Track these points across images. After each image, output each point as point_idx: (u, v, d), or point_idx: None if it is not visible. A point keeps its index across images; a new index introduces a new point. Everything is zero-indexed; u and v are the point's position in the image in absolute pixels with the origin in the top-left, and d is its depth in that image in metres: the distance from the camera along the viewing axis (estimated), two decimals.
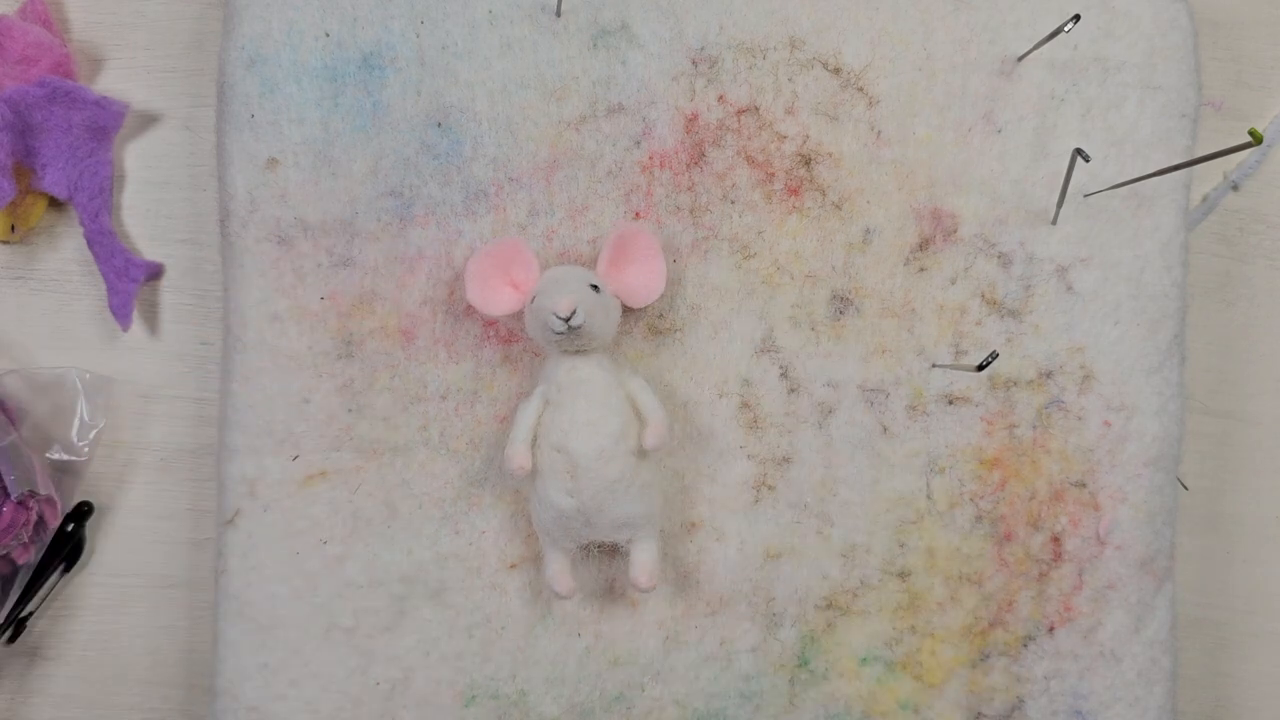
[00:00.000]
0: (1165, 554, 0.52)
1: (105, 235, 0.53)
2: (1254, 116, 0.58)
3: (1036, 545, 0.52)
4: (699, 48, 0.51)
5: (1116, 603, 0.51)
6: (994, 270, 0.51)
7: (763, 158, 0.51)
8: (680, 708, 0.51)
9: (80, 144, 0.53)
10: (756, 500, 0.51)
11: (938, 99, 0.51)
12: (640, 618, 0.51)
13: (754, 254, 0.51)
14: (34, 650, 0.54)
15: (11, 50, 0.52)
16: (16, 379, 0.53)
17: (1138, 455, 0.51)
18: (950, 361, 0.51)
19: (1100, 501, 0.51)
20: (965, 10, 0.52)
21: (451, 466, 0.51)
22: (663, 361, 0.51)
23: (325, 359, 0.50)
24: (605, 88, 0.51)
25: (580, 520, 0.47)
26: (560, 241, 0.51)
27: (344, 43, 0.50)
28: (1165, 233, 0.52)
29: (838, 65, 0.51)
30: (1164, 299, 0.52)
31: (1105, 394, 0.51)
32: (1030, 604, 0.52)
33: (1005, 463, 0.52)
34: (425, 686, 0.51)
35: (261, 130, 0.50)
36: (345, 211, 0.50)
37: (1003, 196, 0.51)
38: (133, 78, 0.55)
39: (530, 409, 0.48)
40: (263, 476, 0.50)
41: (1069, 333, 0.51)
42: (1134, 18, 0.52)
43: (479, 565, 0.51)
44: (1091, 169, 0.51)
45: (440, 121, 0.50)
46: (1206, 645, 0.57)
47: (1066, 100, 0.51)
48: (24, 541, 0.51)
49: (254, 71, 0.50)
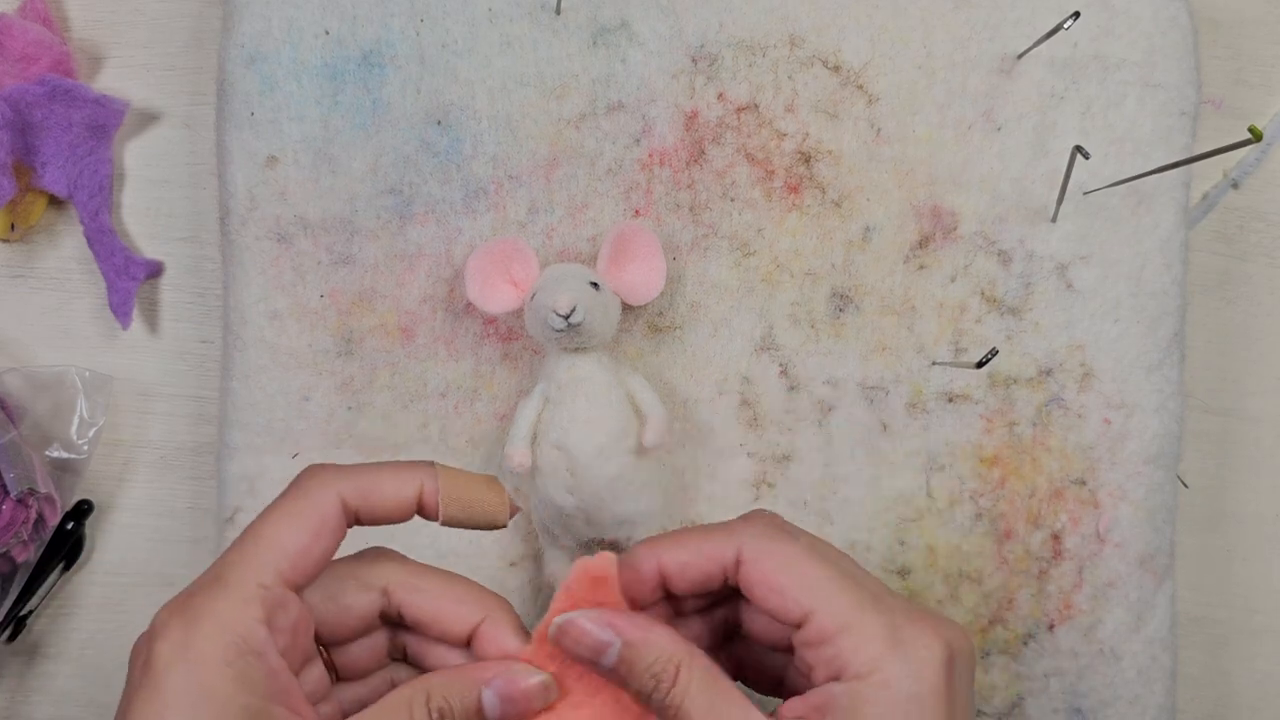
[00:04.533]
0: (1165, 552, 0.52)
1: (105, 233, 0.53)
2: (1254, 114, 0.58)
3: (1036, 543, 0.52)
4: (699, 45, 0.51)
5: (1116, 601, 0.51)
6: (994, 268, 0.51)
7: (762, 155, 0.51)
8: None
9: (80, 142, 0.53)
10: (756, 498, 0.51)
11: (938, 97, 0.51)
12: None
13: (754, 252, 0.51)
14: (34, 648, 0.54)
15: (11, 48, 0.52)
16: (16, 377, 0.53)
17: (1138, 453, 0.51)
18: (950, 359, 0.51)
19: (1100, 499, 0.51)
20: (965, 8, 0.52)
21: (451, 464, 0.51)
22: (662, 359, 0.51)
23: (325, 357, 0.50)
24: (605, 85, 0.51)
25: (580, 518, 0.47)
26: (560, 239, 0.51)
27: (344, 40, 0.50)
28: (1165, 230, 0.52)
29: (837, 63, 0.51)
30: (1164, 296, 0.52)
31: (1105, 392, 0.51)
32: (1030, 602, 0.52)
33: (1005, 460, 0.52)
34: None
35: (261, 128, 0.50)
36: (345, 209, 0.50)
37: (1002, 194, 0.51)
38: (132, 76, 0.56)
39: (530, 407, 0.48)
40: (263, 474, 0.50)
41: (1069, 330, 0.51)
42: (1134, 15, 0.52)
43: (479, 563, 0.51)
44: (1091, 167, 0.51)
45: (440, 119, 0.50)
46: (1207, 643, 0.57)
47: (1066, 98, 0.51)
48: (23, 540, 0.51)
49: (254, 69, 0.50)
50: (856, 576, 0.36)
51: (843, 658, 0.34)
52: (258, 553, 0.34)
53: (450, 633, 0.38)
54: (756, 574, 0.36)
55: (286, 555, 0.34)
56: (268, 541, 0.34)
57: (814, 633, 0.35)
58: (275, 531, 0.35)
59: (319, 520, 0.35)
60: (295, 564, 0.34)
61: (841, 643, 0.34)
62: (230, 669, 0.32)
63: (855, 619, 0.34)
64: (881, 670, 0.33)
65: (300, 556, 0.34)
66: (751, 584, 0.36)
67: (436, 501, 0.37)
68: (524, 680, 0.36)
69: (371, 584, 0.37)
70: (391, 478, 0.37)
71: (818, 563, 0.35)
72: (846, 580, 0.35)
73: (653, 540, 0.38)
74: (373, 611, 0.37)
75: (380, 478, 0.36)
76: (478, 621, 0.37)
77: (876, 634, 0.34)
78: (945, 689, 0.34)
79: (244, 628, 0.33)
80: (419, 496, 0.37)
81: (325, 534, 0.35)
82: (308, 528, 0.35)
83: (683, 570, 0.37)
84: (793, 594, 0.35)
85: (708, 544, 0.37)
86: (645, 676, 0.35)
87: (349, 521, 0.36)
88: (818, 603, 0.34)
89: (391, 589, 0.37)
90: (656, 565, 0.37)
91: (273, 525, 0.35)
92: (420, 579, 0.38)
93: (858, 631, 0.34)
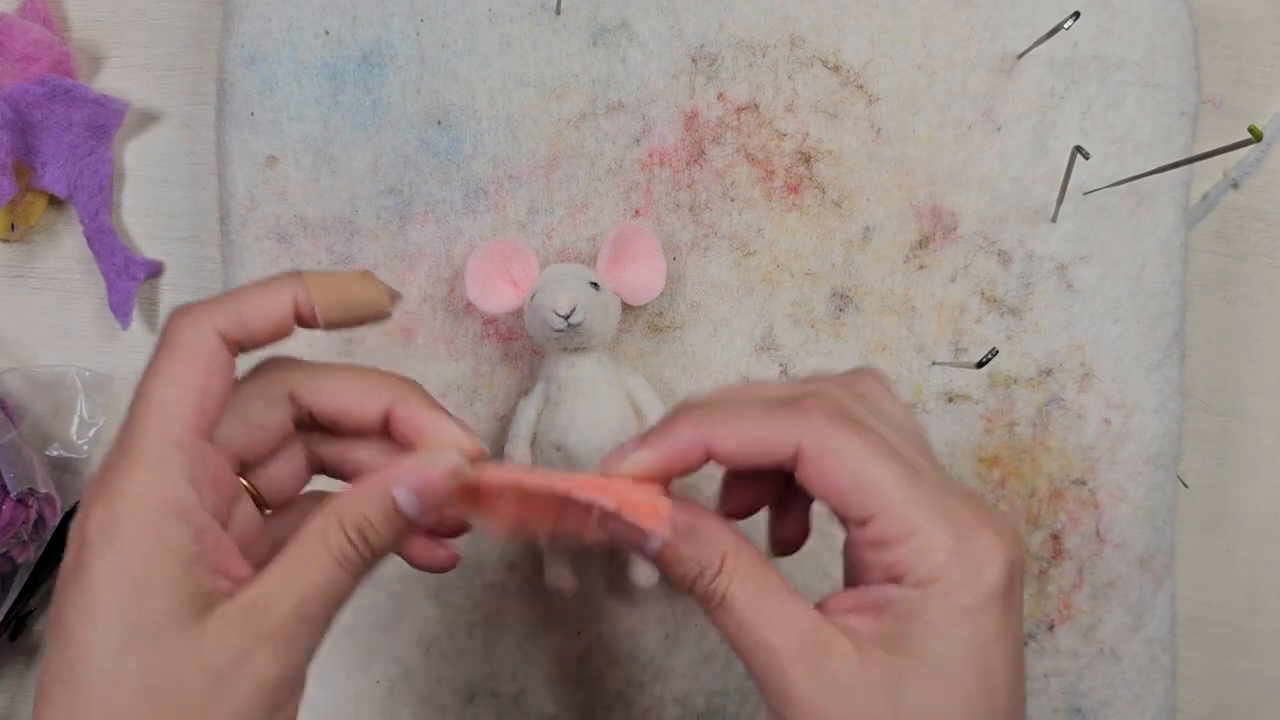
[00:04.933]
0: (1165, 552, 0.52)
1: (105, 233, 0.53)
2: (1254, 114, 0.57)
3: (1036, 543, 0.52)
4: (699, 45, 0.51)
5: (1116, 601, 0.51)
6: (994, 268, 0.51)
7: (762, 155, 0.51)
8: (681, 706, 0.51)
9: (80, 142, 0.53)
10: None
11: (937, 97, 0.51)
12: (640, 616, 0.51)
13: (754, 251, 0.51)
14: (34, 648, 0.54)
15: (11, 48, 0.52)
16: (16, 377, 0.53)
17: (1137, 453, 0.51)
18: (950, 359, 0.51)
19: (1100, 499, 0.51)
20: (965, 8, 0.52)
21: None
22: (662, 359, 0.51)
23: (325, 357, 0.50)
24: (605, 85, 0.51)
25: None
26: (560, 239, 0.51)
27: (344, 40, 0.50)
28: (1165, 230, 0.52)
29: (837, 63, 0.51)
30: (1164, 297, 0.52)
31: (1105, 392, 0.51)
32: (1030, 602, 0.52)
33: (1005, 461, 0.52)
34: (425, 685, 0.51)
35: (261, 128, 0.50)
36: (345, 209, 0.50)
37: (1002, 194, 0.51)
38: (132, 76, 0.56)
39: (530, 407, 0.48)
40: None
41: (1069, 330, 0.51)
42: (1134, 15, 0.52)
43: (479, 564, 0.51)
44: (1091, 167, 0.51)
45: (440, 119, 0.50)
46: (1207, 643, 0.57)
47: (1066, 98, 0.51)
48: (23, 540, 0.51)
49: (254, 69, 0.50)
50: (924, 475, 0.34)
51: (904, 564, 0.33)
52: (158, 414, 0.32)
53: (363, 423, 0.36)
54: (815, 472, 0.33)
55: (185, 407, 0.33)
56: (161, 400, 0.33)
57: (875, 535, 0.33)
58: (165, 387, 0.33)
59: (204, 363, 0.33)
60: (197, 411, 0.33)
61: (903, 549, 0.33)
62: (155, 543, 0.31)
63: (920, 526, 0.32)
64: (942, 581, 0.32)
65: (199, 402, 0.33)
66: (811, 481, 0.34)
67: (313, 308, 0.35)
68: (431, 469, 0.34)
69: (276, 396, 0.36)
70: (261, 296, 0.35)
71: (883, 461, 0.33)
72: (913, 482, 0.33)
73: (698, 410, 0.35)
74: (284, 423, 0.36)
75: (250, 298, 0.34)
76: (388, 405, 0.36)
77: (941, 544, 0.32)
78: (1004, 600, 0.33)
79: (164, 492, 0.31)
80: (294, 308, 0.35)
81: (215, 373, 0.33)
82: (196, 373, 0.33)
83: (733, 458, 0.34)
84: (855, 497, 0.33)
85: (765, 430, 0.34)
86: (690, 564, 0.34)
87: (233, 352, 0.34)
88: (881, 507, 0.33)
89: (297, 392, 0.36)
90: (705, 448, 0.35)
91: (161, 382, 0.33)
92: (324, 376, 0.37)
93: (922, 539, 0.32)
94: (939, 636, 0.32)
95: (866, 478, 0.33)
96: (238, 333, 0.34)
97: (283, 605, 0.32)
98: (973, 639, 0.32)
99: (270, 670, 0.31)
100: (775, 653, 0.33)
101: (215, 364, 0.33)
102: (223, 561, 0.32)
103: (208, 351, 0.33)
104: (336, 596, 0.33)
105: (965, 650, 0.32)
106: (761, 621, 0.33)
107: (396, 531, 0.34)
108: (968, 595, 0.32)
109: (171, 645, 0.30)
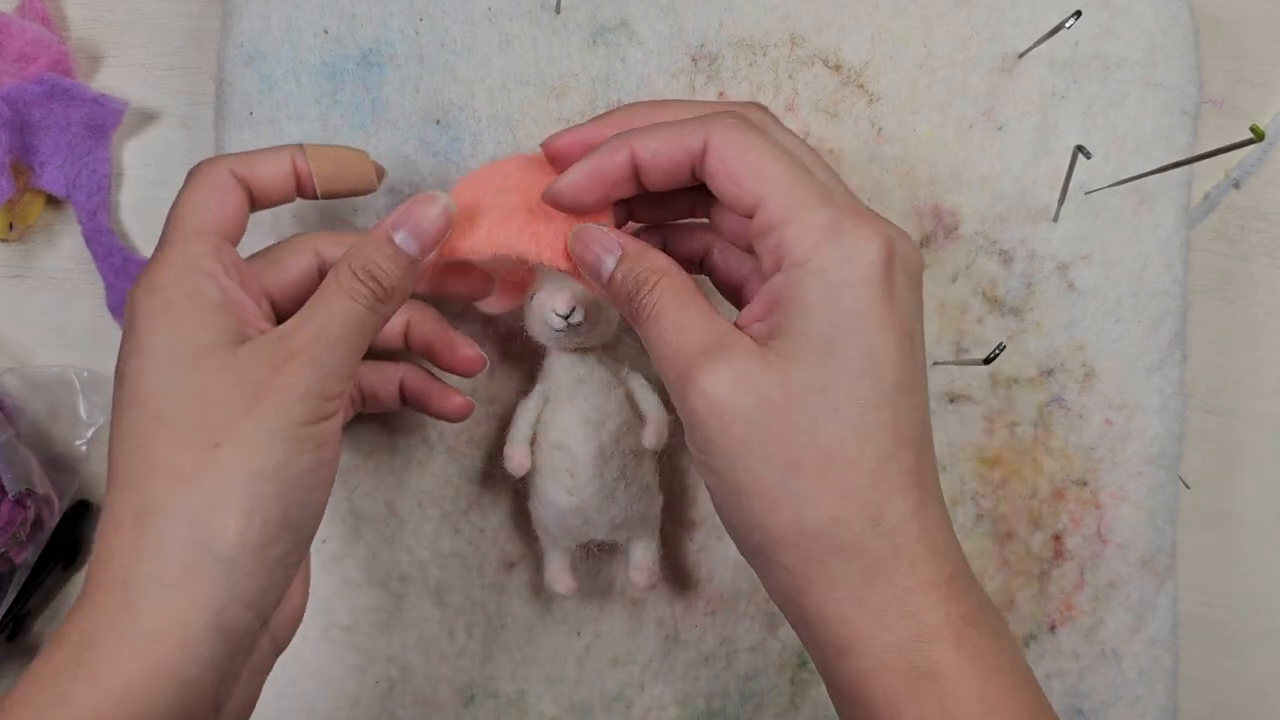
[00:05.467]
0: (1166, 552, 0.52)
1: (103, 233, 0.53)
2: (1256, 113, 0.57)
3: (1037, 544, 0.51)
4: (699, 45, 0.51)
5: (1118, 601, 0.51)
6: (995, 268, 0.51)
7: None
8: (680, 707, 0.51)
9: (78, 142, 0.53)
10: None
11: (938, 96, 0.51)
12: (640, 617, 0.51)
13: None
14: (33, 648, 0.54)
15: (10, 48, 0.52)
16: (14, 377, 0.53)
17: (1139, 453, 0.51)
18: (951, 359, 0.51)
19: (1101, 500, 0.51)
20: (966, 7, 0.51)
21: (450, 465, 0.51)
22: None
23: None
24: (605, 85, 0.51)
25: (580, 519, 0.47)
26: None
27: (343, 40, 0.50)
28: (1166, 230, 0.51)
29: (838, 62, 0.51)
30: (1165, 297, 0.51)
31: (1106, 392, 0.51)
32: (1031, 603, 0.51)
33: (1006, 461, 0.51)
34: (424, 685, 0.51)
35: (260, 128, 0.50)
36: (344, 209, 0.50)
37: (1004, 193, 0.51)
38: (131, 75, 0.55)
39: (529, 407, 0.48)
40: None
41: (1070, 330, 0.51)
42: (1135, 15, 0.51)
43: (478, 564, 0.51)
44: (1092, 166, 0.51)
45: (439, 119, 0.50)
46: (1208, 644, 0.57)
47: (1067, 97, 0.51)
48: (21, 540, 0.51)
49: (252, 69, 0.50)
50: (817, 175, 0.37)
51: (784, 246, 0.35)
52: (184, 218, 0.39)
53: None
54: (717, 162, 0.37)
55: (206, 213, 0.40)
56: (185, 211, 0.40)
57: (763, 221, 0.36)
58: (190, 203, 0.40)
59: (221, 187, 0.40)
60: (218, 217, 0.40)
61: (785, 232, 0.35)
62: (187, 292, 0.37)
63: (800, 209, 0.35)
64: (816, 257, 0.35)
65: (218, 210, 0.40)
66: (712, 172, 0.37)
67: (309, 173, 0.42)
68: (424, 211, 0.40)
69: (304, 248, 0.43)
70: (267, 154, 0.42)
71: (778, 156, 0.36)
72: (802, 175, 0.36)
73: (628, 132, 0.39)
74: (310, 269, 0.43)
75: (258, 154, 0.42)
76: None
77: (817, 224, 0.35)
78: (881, 279, 0.35)
79: (191, 259, 0.38)
80: (294, 170, 0.42)
81: (231, 194, 0.40)
82: (215, 191, 0.40)
83: (654, 159, 0.38)
84: (747, 183, 0.36)
85: (679, 131, 0.38)
86: (630, 281, 0.38)
87: (244, 189, 0.41)
88: (768, 192, 0.36)
89: (323, 250, 0.43)
90: (630, 153, 0.39)
91: (186, 201, 0.40)
92: (347, 239, 0.43)
93: (800, 221, 0.35)
94: (817, 311, 0.35)
95: (760, 166, 0.36)
96: (247, 175, 0.41)
97: (305, 331, 0.37)
98: (851, 312, 0.35)
99: (299, 383, 0.36)
100: (685, 353, 0.36)
101: (231, 189, 0.40)
102: (247, 316, 0.39)
103: (224, 181, 0.40)
104: (353, 325, 0.38)
105: (845, 324, 0.35)
106: (678, 329, 0.37)
107: (402, 269, 0.39)
108: (843, 270, 0.35)
109: (209, 365, 0.36)
